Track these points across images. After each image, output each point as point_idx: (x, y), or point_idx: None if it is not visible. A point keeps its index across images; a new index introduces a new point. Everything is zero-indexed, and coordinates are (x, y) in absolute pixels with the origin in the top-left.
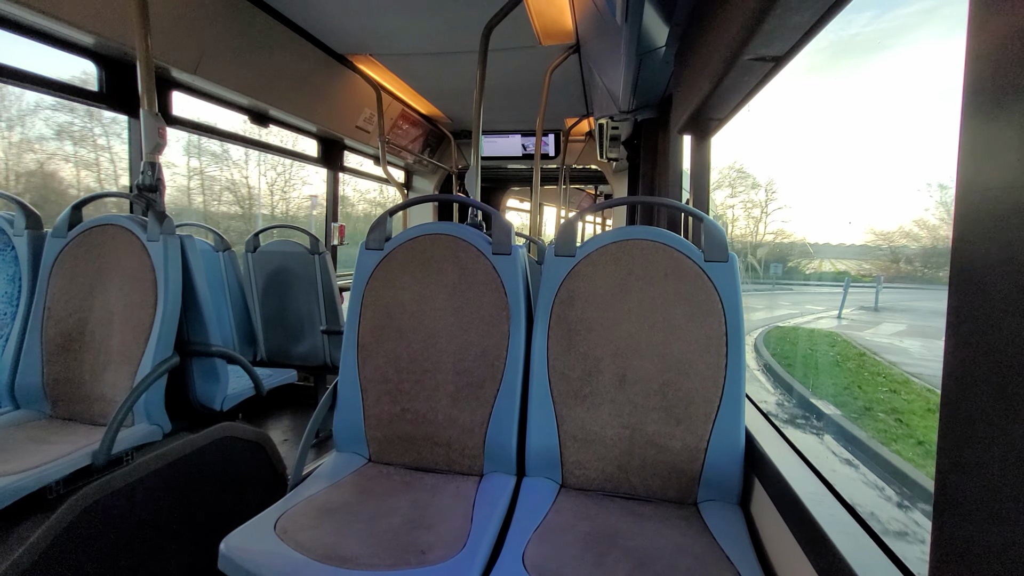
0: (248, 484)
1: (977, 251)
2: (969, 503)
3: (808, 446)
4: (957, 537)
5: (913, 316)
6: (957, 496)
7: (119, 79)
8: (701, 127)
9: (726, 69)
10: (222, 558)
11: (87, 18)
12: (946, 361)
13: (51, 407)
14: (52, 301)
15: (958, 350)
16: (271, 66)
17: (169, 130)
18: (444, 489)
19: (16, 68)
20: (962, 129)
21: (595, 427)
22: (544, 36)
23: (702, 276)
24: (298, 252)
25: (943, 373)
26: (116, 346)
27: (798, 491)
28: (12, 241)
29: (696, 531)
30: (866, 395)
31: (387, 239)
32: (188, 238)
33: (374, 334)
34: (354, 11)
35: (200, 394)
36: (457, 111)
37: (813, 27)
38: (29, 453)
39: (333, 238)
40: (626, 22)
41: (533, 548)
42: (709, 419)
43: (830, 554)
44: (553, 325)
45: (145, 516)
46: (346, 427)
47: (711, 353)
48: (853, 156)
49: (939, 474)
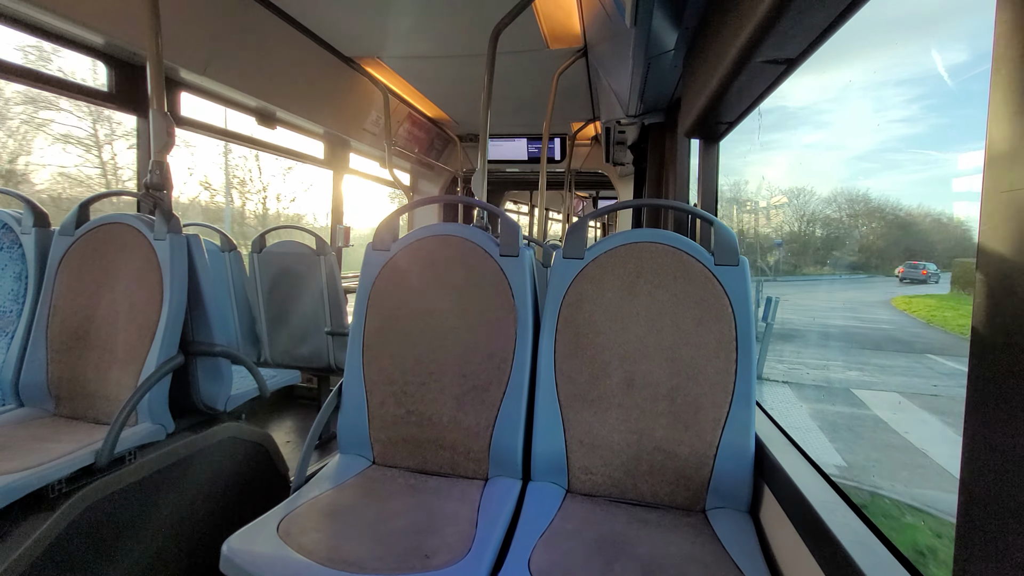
0: (251, 485)
1: (1003, 253)
2: (993, 504)
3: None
4: (981, 538)
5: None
6: (981, 496)
7: (128, 79)
8: (710, 131)
9: (736, 72)
10: (224, 560)
11: (99, 19)
12: (971, 363)
13: (55, 405)
14: (58, 299)
15: (983, 352)
16: (279, 68)
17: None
18: (449, 493)
19: (28, 68)
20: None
21: (602, 432)
22: (552, 39)
23: (712, 280)
24: (304, 253)
25: (968, 376)
26: (121, 345)
27: (811, 500)
28: (20, 239)
29: (705, 539)
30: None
31: (394, 240)
32: (194, 238)
33: (379, 335)
34: (363, 14)
35: (204, 394)
36: (463, 114)
37: (828, 28)
38: (32, 451)
39: (339, 240)
40: (635, 25)
41: (539, 554)
42: (718, 425)
43: (845, 565)
44: (560, 328)
45: (147, 515)
46: (350, 429)
47: (721, 358)
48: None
49: (964, 474)
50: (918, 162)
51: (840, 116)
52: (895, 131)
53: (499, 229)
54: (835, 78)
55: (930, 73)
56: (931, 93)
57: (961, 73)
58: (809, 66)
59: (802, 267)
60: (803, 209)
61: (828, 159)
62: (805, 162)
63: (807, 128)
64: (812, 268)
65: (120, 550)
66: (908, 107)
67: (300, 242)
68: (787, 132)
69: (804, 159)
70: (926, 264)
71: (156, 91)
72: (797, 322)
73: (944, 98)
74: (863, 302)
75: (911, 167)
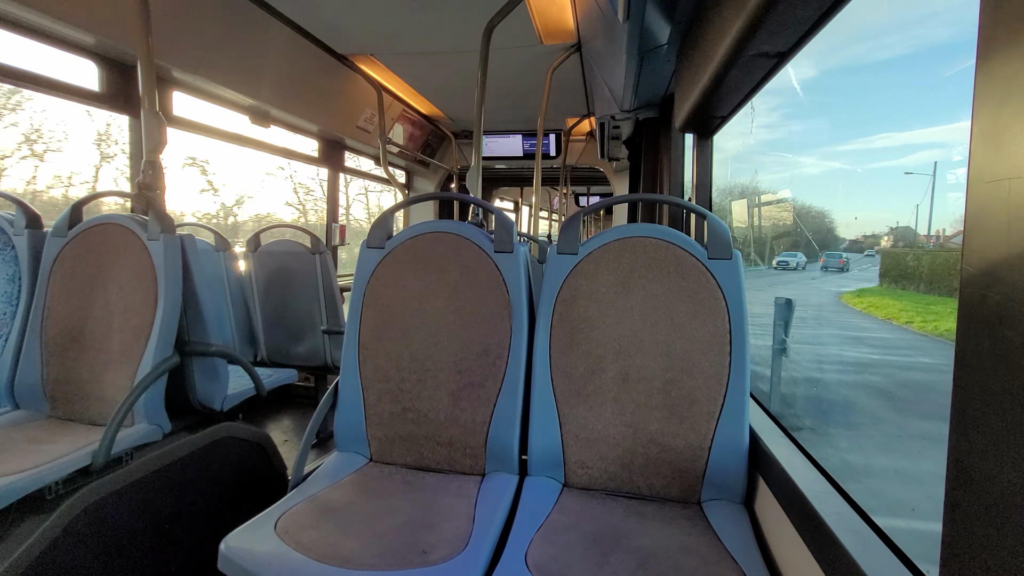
0: (248, 484)
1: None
2: (979, 505)
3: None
4: (966, 539)
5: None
6: (967, 497)
7: (120, 79)
8: (703, 125)
9: (728, 66)
10: (222, 558)
11: (89, 19)
12: (957, 360)
13: (50, 407)
14: (52, 300)
15: (968, 349)
16: (272, 66)
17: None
18: (446, 489)
19: (18, 68)
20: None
21: (598, 426)
22: (545, 35)
23: (705, 273)
24: (299, 252)
25: (954, 372)
26: (116, 346)
27: (805, 490)
28: (12, 240)
29: (700, 530)
30: None
31: (388, 237)
32: (188, 237)
33: (375, 333)
34: (356, 11)
35: (200, 394)
36: (458, 111)
37: (818, 22)
38: (28, 453)
39: (334, 238)
40: (628, 20)
41: (536, 548)
42: (713, 418)
43: (837, 553)
44: (555, 323)
45: (145, 516)
46: (347, 427)
47: (715, 351)
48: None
49: (950, 474)
50: (778, 163)
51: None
52: (760, 136)
53: (493, 225)
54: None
55: (785, 86)
56: (787, 104)
57: (811, 87)
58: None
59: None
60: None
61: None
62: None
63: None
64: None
65: (118, 551)
66: (770, 115)
67: (295, 240)
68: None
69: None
70: (842, 254)
71: (147, 91)
72: (802, 361)
73: (797, 108)
74: (817, 305)
75: (773, 168)
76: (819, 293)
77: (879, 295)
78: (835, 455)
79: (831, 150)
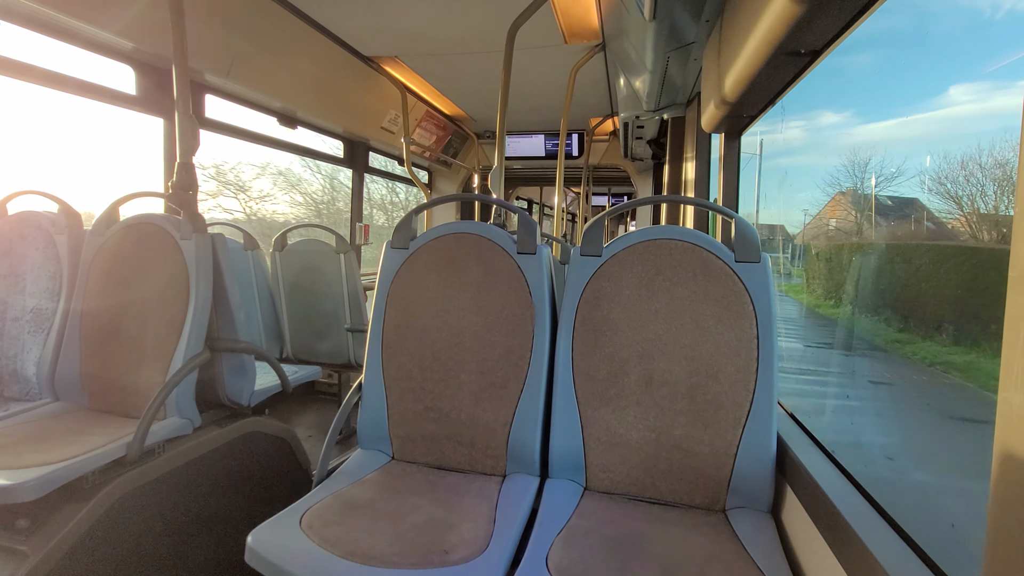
0: (273, 478)
1: None
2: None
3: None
4: (1011, 534)
5: None
6: (1013, 492)
7: (154, 83)
8: (731, 124)
9: (759, 65)
10: (249, 551)
11: (127, 26)
12: (1005, 358)
13: (88, 399)
14: (90, 297)
15: (1018, 347)
16: (300, 69)
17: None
18: (467, 489)
19: (56, 72)
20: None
21: (620, 429)
22: (569, 35)
23: (732, 277)
24: (324, 251)
25: (1001, 371)
26: (150, 341)
27: (835, 500)
28: (54, 239)
29: (724, 538)
30: None
31: (412, 238)
32: (219, 236)
33: (398, 332)
34: (382, 14)
35: (229, 389)
36: (481, 111)
37: (854, 18)
38: (68, 444)
39: (358, 237)
40: (654, 19)
41: (557, 551)
42: (739, 424)
43: (869, 566)
44: (578, 325)
45: (176, 506)
46: (370, 425)
47: (741, 356)
48: None
49: (996, 470)
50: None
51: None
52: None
53: (516, 226)
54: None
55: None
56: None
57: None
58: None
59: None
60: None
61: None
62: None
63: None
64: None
65: (151, 538)
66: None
67: (320, 240)
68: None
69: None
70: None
71: (182, 95)
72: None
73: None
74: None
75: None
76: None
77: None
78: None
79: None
